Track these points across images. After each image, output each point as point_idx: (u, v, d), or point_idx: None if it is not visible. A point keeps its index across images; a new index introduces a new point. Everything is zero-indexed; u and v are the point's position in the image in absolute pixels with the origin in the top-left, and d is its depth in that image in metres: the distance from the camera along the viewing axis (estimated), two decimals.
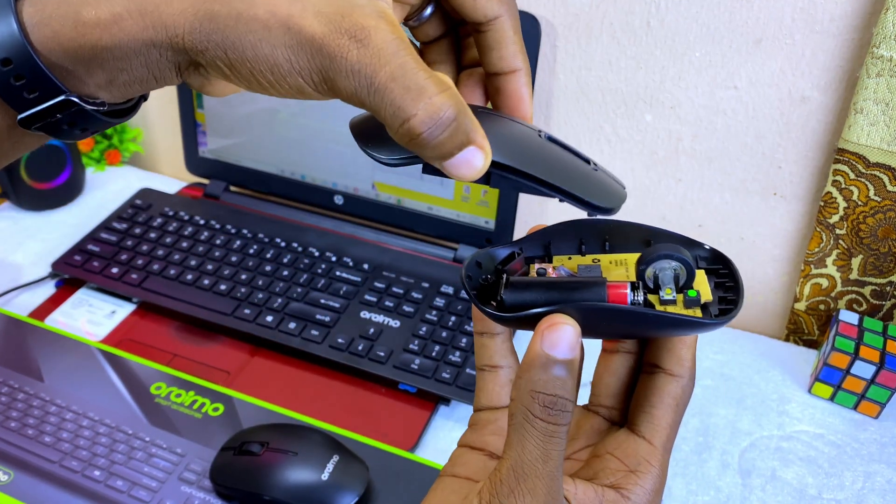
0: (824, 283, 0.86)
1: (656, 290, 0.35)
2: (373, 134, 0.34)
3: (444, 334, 0.85)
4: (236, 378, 0.82)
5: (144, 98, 0.37)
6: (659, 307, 0.34)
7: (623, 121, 0.88)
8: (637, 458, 0.36)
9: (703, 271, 0.36)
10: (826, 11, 0.74)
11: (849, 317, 0.81)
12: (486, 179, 0.33)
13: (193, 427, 0.76)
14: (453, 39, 0.39)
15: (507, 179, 0.33)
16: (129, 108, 0.36)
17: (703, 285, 0.36)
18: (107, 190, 1.09)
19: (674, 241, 0.37)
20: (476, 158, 0.31)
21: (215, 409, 0.77)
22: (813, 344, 0.91)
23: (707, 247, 0.37)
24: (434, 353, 0.82)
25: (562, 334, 0.32)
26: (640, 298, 0.34)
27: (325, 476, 0.68)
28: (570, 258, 0.38)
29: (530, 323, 0.33)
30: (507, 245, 0.38)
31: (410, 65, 0.30)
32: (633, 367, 0.40)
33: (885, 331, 0.80)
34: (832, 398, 0.81)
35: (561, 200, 0.35)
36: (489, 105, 0.39)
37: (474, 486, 0.35)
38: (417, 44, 0.39)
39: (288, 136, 0.99)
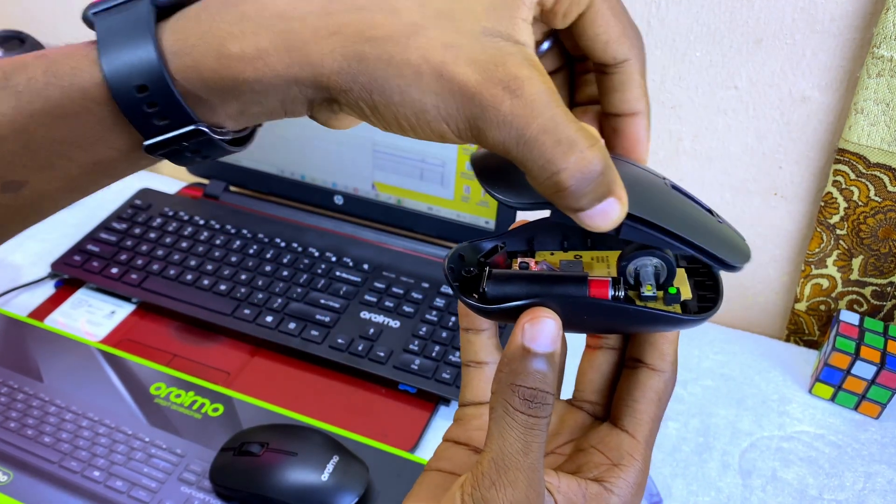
0: (825, 283, 0.86)
1: (637, 286, 0.35)
2: (499, 174, 0.34)
3: (444, 334, 0.84)
4: (236, 378, 0.82)
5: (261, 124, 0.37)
6: (639, 303, 0.35)
7: None
8: (620, 451, 0.37)
9: (683, 270, 0.37)
10: (826, 11, 0.74)
11: (849, 317, 0.81)
12: (616, 231, 0.32)
13: (193, 427, 0.76)
14: (568, 74, 0.39)
15: (638, 231, 0.32)
16: (247, 136, 0.36)
17: (683, 283, 0.36)
18: (106, 190, 1.07)
19: None
20: (613, 210, 0.31)
21: (215, 410, 0.77)
22: (813, 344, 0.91)
23: None
24: (434, 354, 0.82)
25: (542, 327, 0.32)
26: (621, 294, 0.34)
27: (325, 476, 0.68)
28: (552, 253, 0.38)
29: (512, 316, 0.34)
30: (491, 238, 0.38)
31: (561, 117, 0.29)
32: (616, 362, 0.40)
33: (885, 331, 0.79)
34: (833, 398, 0.81)
35: (685, 255, 0.34)
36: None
37: (457, 480, 0.36)
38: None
39: (288, 136, 0.99)
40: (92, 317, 0.89)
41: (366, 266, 0.94)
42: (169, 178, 1.12)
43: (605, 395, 0.40)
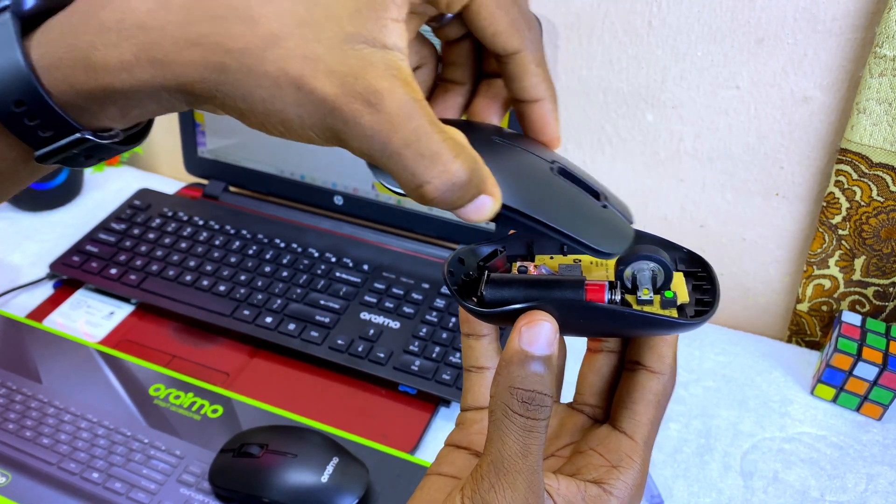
0: (827, 284, 0.85)
1: (634, 290, 0.36)
2: None
3: (444, 335, 0.84)
4: (235, 379, 0.82)
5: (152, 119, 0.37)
6: (636, 307, 0.35)
7: (624, 121, 0.87)
8: (619, 453, 0.37)
9: (681, 273, 0.37)
10: (828, 11, 0.74)
11: (851, 318, 0.81)
12: (494, 219, 0.33)
13: (192, 429, 0.75)
14: (473, 42, 0.39)
15: (513, 221, 0.33)
16: (139, 133, 0.36)
17: (680, 287, 0.36)
18: (105, 190, 1.09)
19: (653, 243, 0.37)
20: (485, 206, 0.32)
21: (214, 411, 0.77)
22: (815, 345, 0.91)
23: (685, 250, 0.38)
24: (434, 355, 0.82)
25: (539, 330, 0.32)
26: (618, 298, 0.35)
27: (324, 478, 0.67)
28: (551, 257, 0.39)
29: (510, 319, 0.34)
30: (491, 243, 0.39)
31: (424, 129, 0.30)
32: (616, 366, 0.41)
33: (887, 332, 0.79)
34: (834, 400, 0.80)
35: (564, 244, 0.35)
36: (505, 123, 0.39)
37: (458, 483, 0.36)
38: (439, 43, 0.39)
39: None
40: (91, 318, 0.89)
41: (366, 267, 0.93)
42: (168, 179, 1.12)
43: (605, 398, 0.41)
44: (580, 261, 0.38)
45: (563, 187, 0.35)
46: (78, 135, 0.33)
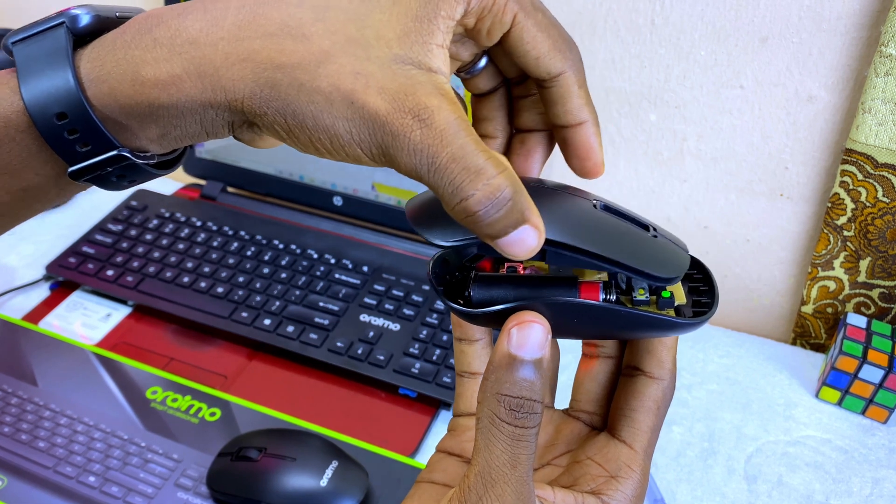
0: (832, 285, 0.85)
1: (629, 291, 0.35)
2: (427, 217, 0.34)
3: (444, 338, 0.83)
4: (233, 382, 0.81)
5: (190, 146, 0.37)
6: (630, 307, 0.34)
7: (627, 120, 0.87)
8: (618, 463, 0.36)
9: None
10: (833, 9, 0.73)
11: (857, 320, 0.80)
12: (541, 256, 0.32)
13: (190, 432, 0.75)
14: (506, 94, 0.39)
15: (562, 256, 0.32)
16: (174, 160, 0.37)
17: (677, 288, 0.35)
18: (102, 191, 1.08)
19: None
20: (530, 238, 0.31)
21: (212, 414, 0.77)
22: (820, 348, 0.90)
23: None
24: (435, 357, 0.81)
25: (529, 333, 0.32)
26: (613, 297, 0.34)
27: (323, 482, 0.67)
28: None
29: (499, 320, 0.33)
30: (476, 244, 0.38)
31: (471, 146, 0.30)
32: (614, 371, 0.40)
33: (893, 334, 0.79)
34: (840, 403, 0.80)
35: (618, 274, 0.34)
36: (541, 171, 0.39)
37: (446, 494, 0.35)
38: (464, 94, 0.39)
39: None
40: (87, 320, 0.88)
41: (365, 268, 0.93)
42: (165, 179, 1.11)
43: (603, 405, 0.40)
44: None
45: (610, 221, 0.34)
46: (115, 152, 0.33)
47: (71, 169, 0.33)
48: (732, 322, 0.94)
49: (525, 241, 0.31)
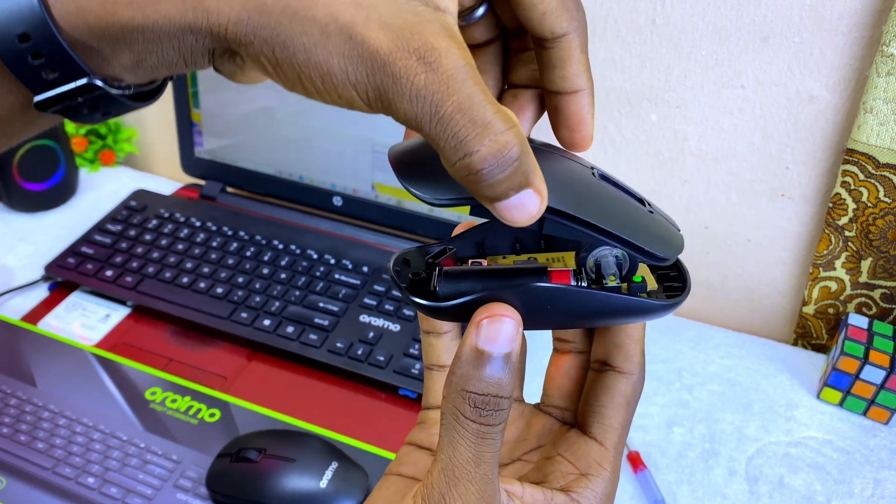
0: (833, 286, 0.85)
1: (599, 279, 0.34)
2: (417, 169, 0.32)
3: None
4: (233, 383, 0.81)
5: (170, 78, 0.34)
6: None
7: (628, 121, 0.87)
8: (588, 460, 0.35)
9: (644, 265, 0.35)
10: (834, 9, 0.73)
11: (858, 320, 0.80)
12: (538, 225, 0.31)
13: (189, 433, 0.75)
14: (502, 47, 0.37)
15: (561, 226, 0.31)
16: (152, 91, 0.33)
17: (647, 273, 0.35)
18: (101, 191, 1.08)
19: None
20: (532, 203, 0.29)
21: (211, 415, 0.76)
22: (821, 348, 0.90)
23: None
24: None
25: (500, 326, 0.30)
26: (584, 284, 0.33)
27: (323, 483, 0.67)
28: (504, 257, 0.37)
29: (467, 314, 0.32)
30: (438, 243, 0.36)
31: (479, 97, 0.27)
32: (585, 367, 0.39)
33: (895, 335, 0.79)
34: (841, 404, 0.80)
35: (614, 247, 0.33)
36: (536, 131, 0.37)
37: (411, 490, 0.34)
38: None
39: (286, 136, 0.98)
40: (86, 320, 0.88)
41: (365, 268, 0.92)
42: (165, 179, 1.11)
43: (575, 400, 0.39)
44: (535, 259, 0.36)
45: (609, 191, 0.33)
46: (85, 80, 0.29)
47: (37, 98, 0.30)
48: (733, 323, 0.94)
49: (527, 206, 0.29)
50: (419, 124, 0.28)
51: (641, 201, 0.34)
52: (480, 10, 0.34)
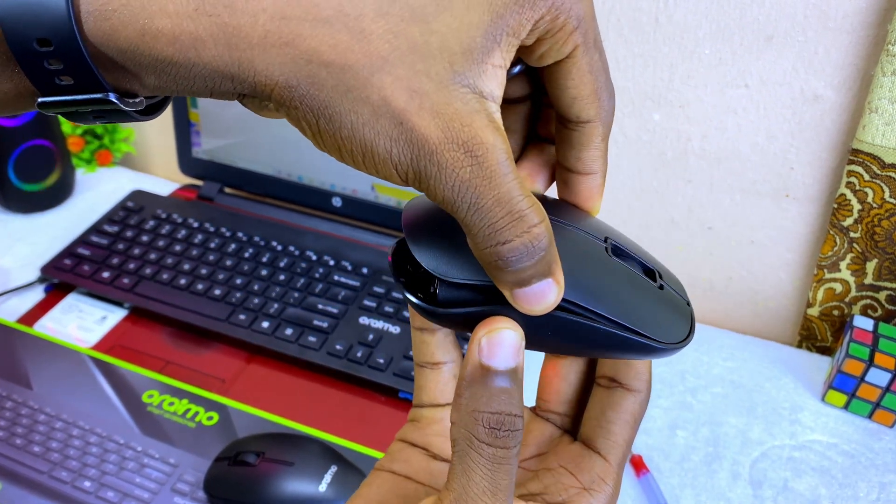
0: (838, 287, 0.84)
1: None
2: (431, 241, 0.32)
3: None
4: (231, 386, 0.81)
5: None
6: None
7: (630, 120, 0.86)
8: (592, 475, 0.35)
9: None
10: (839, 8, 0.73)
11: (863, 322, 0.80)
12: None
13: (187, 436, 0.74)
14: (532, 105, 0.36)
15: (568, 311, 0.31)
16: (156, 105, 0.32)
17: None
18: (97, 192, 1.07)
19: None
20: (550, 293, 0.29)
21: (209, 418, 0.76)
22: (826, 351, 0.90)
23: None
24: None
25: (502, 340, 0.30)
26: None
27: (322, 487, 0.67)
28: None
29: (465, 324, 0.31)
30: None
31: (517, 190, 0.28)
32: (584, 371, 0.38)
33: None
34: (846, 406, 0.79)
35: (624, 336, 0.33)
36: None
37: (410, 487, 0.33)
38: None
39: (284, 136, 0.98)
40: (83, 322, 0.87)
41: (365, 270, 0.92)
42: (162, 180, 1.11)
43: (574, 406, 0.38)
44: None
45: (621, 272, 0.33)
46: (101, 94, 0.28)
47: (42, 100, 0.28)
48: (737, 324, 0.94)
49: (545, 295, 0.29)
50: (455, 209, 0.28)
51: (653, 274, 0.34)
52: (516, 70, 0.34)
